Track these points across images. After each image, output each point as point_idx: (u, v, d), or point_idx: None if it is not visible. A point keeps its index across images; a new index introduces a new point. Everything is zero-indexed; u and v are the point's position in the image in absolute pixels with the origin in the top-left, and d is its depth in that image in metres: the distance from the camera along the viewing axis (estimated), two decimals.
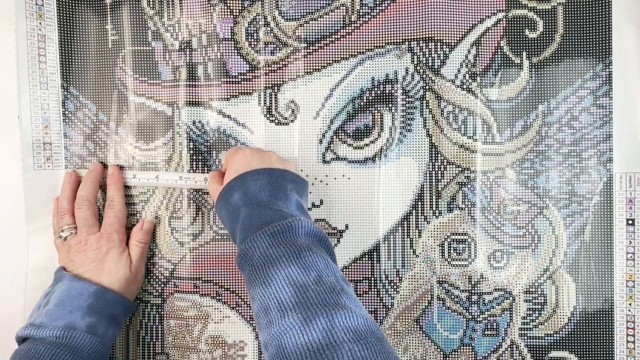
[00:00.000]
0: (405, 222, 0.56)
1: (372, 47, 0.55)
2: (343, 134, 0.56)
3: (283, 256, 0.40)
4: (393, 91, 0.55)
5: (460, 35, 0.55)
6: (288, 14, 0.55)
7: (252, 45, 0.56)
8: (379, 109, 0.56)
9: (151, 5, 0.56)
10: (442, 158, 0.55)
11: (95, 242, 0.52)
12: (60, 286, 0.49)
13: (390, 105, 0.56)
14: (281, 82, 0.56)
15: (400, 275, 0.56)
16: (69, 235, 0.53)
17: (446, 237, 0.56)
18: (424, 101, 0.55)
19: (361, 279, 0.56)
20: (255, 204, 0.45)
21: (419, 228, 0.56)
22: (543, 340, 0.55)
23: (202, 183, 0.56)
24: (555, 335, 0.55)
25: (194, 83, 0.56)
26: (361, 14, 0.55)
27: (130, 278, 0.53)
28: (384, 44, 0.55)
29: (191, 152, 0.56)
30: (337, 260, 0.46)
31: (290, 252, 0.40)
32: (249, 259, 0.42)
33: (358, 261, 0.56)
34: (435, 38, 0.55)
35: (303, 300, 0.37)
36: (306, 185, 0.50)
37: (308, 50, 0.55)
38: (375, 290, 0.56)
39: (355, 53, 0.55)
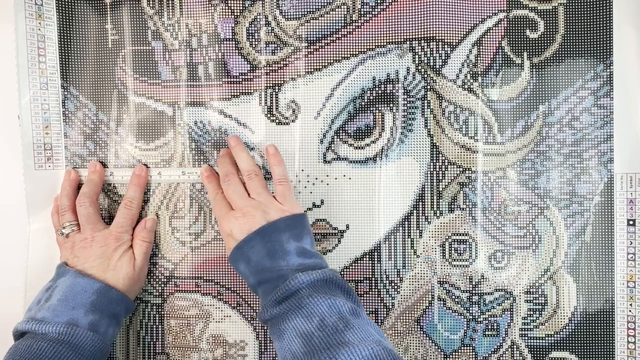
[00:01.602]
0: (406, 222, 0.56)
1: (373, 47, 0.55)
2: (344, 133, 0.56)
3: (288, 310, 0.43)
4: (394, 91, 0.55)
5: (462, 35, 0.55)
6: (289, 14, 0.55)
7: (253, 45, 0.55)
8: (380, 108, 0.56)
9: (151, 5, 0.56)
10: (443, 158, 0.55)
11: (102, 239, 0.52)
12: (64, 281, 0.49)
13: (391, 105, 0.55)
14: (282, 82, 0.56)
15: (401, 276, 0.56)
16: (70, 232, 0.52)
17: (447, 237, 0.56)
18: (425, 101, 0.55)
19: (362, 279, 0.56)
20: (259, 271, 0.47)
21: (420, 228, 0.56)
22: (544, 341, 0.56)
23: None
24: (555, 335, 0.55)
25: (194, 83, 0.56)
26: (362, 13, 0.55)
27: (134, 277, 0.52)
28: (385, 44, 0.55)
29: (193, 152, 0.56)
30: (351, 289, 0.47)
31: (293, 304, 0.43)
32: (263, 318, 0.46)
33: (359, 261, 0.56)
34: (437, 38, 0.55)
35: (310, 349, 0.39)
36: (301, 218, 0.50)
37: (309, 50, 0.55)
38: (376, 290, 0.56)
39: (357, 52, 0.55)
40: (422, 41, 0.55)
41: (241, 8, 0.55)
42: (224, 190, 0.52)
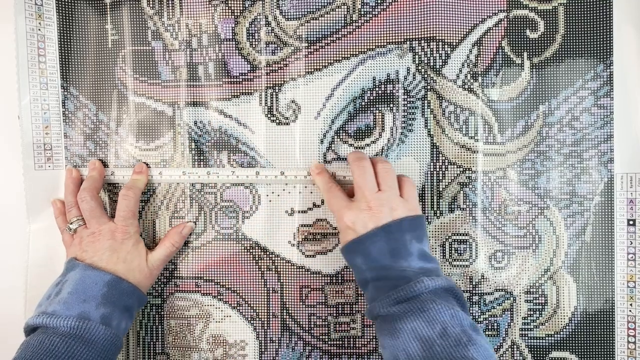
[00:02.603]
0: None
1: (374, 47, 0.55)
2: (344, 134, 0.56)
3: (408, 311, 0.42)
4: (394, 91, 0.55)
5: (462, 35, 0.54)
6: (289, 14, 0.55)
7: (253, 45, 0.55)
8: (380, 108, 0.56)
9: (151, 5, 0.56)
10: (444, 158, 0.55)
11: (109, 232, 0.51)
12: (74, 275, 0.48)
13: (391, 105, 0.55)
14: (282, 82, 0.56)
15: None
16: (78, 227, 0.52)
17: (447, 237, 0.56)
18: (426, 101, 0.55)
19: None
20: (378, 268, 0.46)
21: None
22: (544, 341, 0.56)
23: (205, 177, 0.56)
24: (556, 335, 0.55)
25: (194, 83, 0.56)
26: (362, 13, 0.55)
27: (146, 271, 0.52)
28: (385, 44, 0.55)
29: (193, 152, 0.56)
30: (466, 302, 0.47)
31: (414, 307, 0.42)
32: (376, 313, 0.45)
33: None
34: (437, 38, 0.55)
35: (430, 355, 0.39)
36: (423, 219, 0.49)
37: (309, 50, 0.55)
38: None
39: (357, 52, 0.55)
40: (422, 41, 0.55)
41: (241, 8, 0.55)
42: (356, 174, 0.50)
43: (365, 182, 0.49)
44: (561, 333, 0.55)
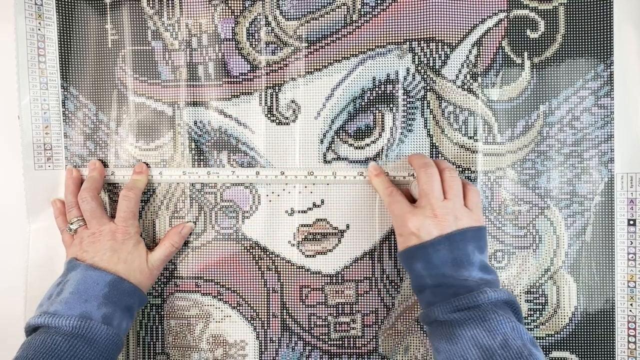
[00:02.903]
0: None
1: (373, 47, 0.55)
2: (344, 133, 0.56)
3: (469, 319, 0.43)
4: (394, 91, 0.55)
5: (462, 36, 0.54)
6: (289, 14, 0.55)
7: (253, 45, 0.55)
8: (380, 109, 0.56)
9: (151, 5, 0.56)
10: (443, 158, 0.55)
11: (109, 232, 0.51)
12: (75, 275, 0.48)
13: (391, 105, 0.55)
14: (282, 82, 0.56)
15: (401, 275, 0.56)
16: (78, 228, 0.52)
17: None
18: (425, 101, 0.55)
19: (362, 278, 0.56)
20: (439, 276, 0.46)
21: None
22: (544, 341, 0.55)
23: (205, 177, 0.56)
24: (556, 335, 0.55)
25: (194, 83, 0.56)
26: (362, 13, 0.55)
27: (146, 272, 0.52)
28: (385, 44, 0.55)
29: (193, 152, 0.56)
30: (522, 316, 0.47)
31: (475, 315, 0.43)
32: (434, 318, 0.46)
33: (359, 261, 0.56)
34: (437, 38, 0.54)
35: None
36: (485, 231, 0.49)
37: (309, 50, 0.55)
38: (376, 290, 0.56)
39: (357, 53, 0.55)
40: (422, 42, 0.55)
41: (241, 8, 0.55)
42: (422, 181, 0.49)
43: (432, 190, 0.48)
44: (561, 333, 0.55)
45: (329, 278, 0.56)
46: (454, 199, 0.48)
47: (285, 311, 0.57)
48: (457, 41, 0.54)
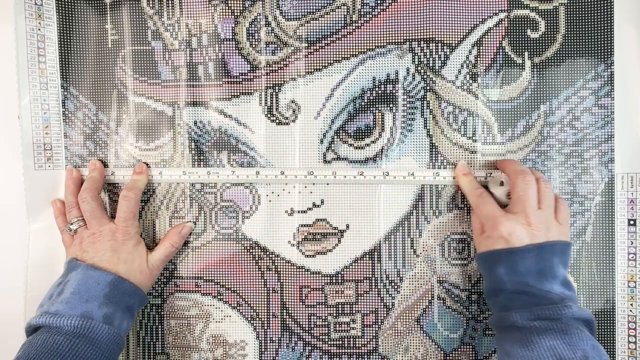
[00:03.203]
0: (406, 222, 0.56)
1: (373, 47, 0.55)
2: (344, 134, 0.56)
3: (549, 329, 0.43)
4: (394, 91, 0.55)
5: (462, 36, 0.54)
6: (289, 14, 0.55)
7: (253, 45, 0.55)
8: (379, 109, 0.56)
9: (151, 5, 0.56)
10: (442, 158, 0.55)
11: (109, 233, 0.51)
12: (75, 275, 0.48)
13: (391, 105, 0.55)
14: (282, 82, 0.56)
15: (401, 275, 0.56)
16: (78, 228, 0.52)
17: (446, 236, 0.56)
18: (425, 101, 0.55)
19: (362, 278, 0.56)
20: (522, 284, 0.47)
21: (420, 228, 0.56)
22: None
23: (205, 177, 0.56)
24: None
25: (194, 83, 0.56)
26: (362, 13, 0.55)
27: (146, 272, 0.52)
28: (385, 44, 0.55)
29: (193, 152, 0.56)
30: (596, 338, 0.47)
31: (557, 327, 0.43)
32: (510, 322, 0.46)
33: (359, 261, 0.56)
34: (437, 38, 0.54)
35: None
36: (570, 247, 0.49)
37: (309, 50, 0.55)
38: (376, 290, 0.56)
39: (356, 53, 0.55)
40: (422, 42, 0.55)
41: (241, 8, 0.55)
42: (519, 187, 0.49)
43: (528, 198, 0.49)
44: None
45: (328, 278, 0.56)
46: (548, 210, 0.49)
47: (285, 311, 0.57)
48: (457, 41, 0.54)
